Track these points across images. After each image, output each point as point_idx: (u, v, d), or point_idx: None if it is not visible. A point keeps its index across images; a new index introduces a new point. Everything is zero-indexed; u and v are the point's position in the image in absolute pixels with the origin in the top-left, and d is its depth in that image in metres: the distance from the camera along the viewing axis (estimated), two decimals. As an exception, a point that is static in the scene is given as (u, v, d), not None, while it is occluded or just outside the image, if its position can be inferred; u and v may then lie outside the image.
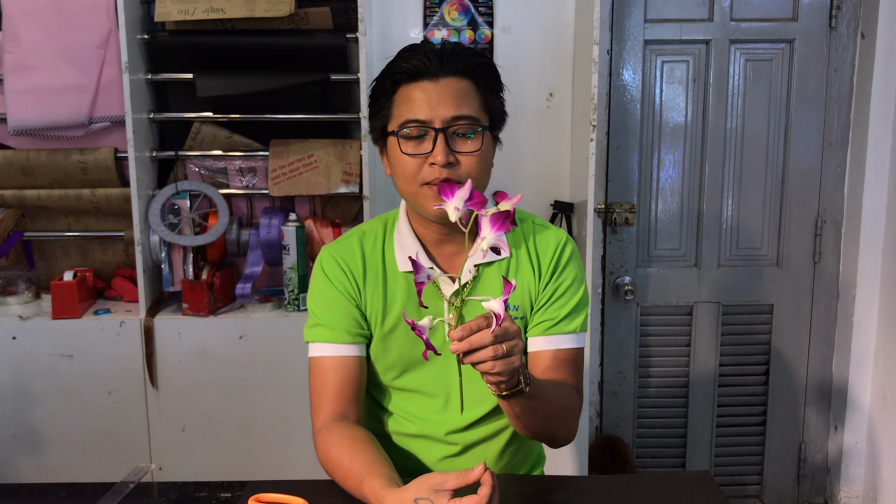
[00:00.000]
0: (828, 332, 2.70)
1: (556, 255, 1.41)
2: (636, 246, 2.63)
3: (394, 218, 1.46)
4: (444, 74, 1.29)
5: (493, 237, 1.10)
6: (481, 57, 1.34)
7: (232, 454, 2.30)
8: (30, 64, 2.27)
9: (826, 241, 2.65)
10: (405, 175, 1.31)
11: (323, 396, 1.38)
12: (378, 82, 1.35)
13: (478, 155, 1.30)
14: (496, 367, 1.11)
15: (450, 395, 1.44)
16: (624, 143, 2.56)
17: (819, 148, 2.60)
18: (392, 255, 1.42)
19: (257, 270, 2.35)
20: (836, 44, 2.54)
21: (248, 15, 2.18)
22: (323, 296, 1.41)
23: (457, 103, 1.28)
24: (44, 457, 2.28)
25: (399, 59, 1.32)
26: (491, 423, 1.46)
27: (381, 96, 1.34)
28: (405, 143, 1.30)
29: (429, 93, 1.28)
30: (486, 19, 2.44)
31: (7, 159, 2.34)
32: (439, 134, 1.27)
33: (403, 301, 1.40)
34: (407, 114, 1.29)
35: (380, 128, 1.36)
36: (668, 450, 2.76)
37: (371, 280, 1.40)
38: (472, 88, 1.31)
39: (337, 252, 1.42)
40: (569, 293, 1.40)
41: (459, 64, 1.30)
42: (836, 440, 2.74)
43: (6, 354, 2.24)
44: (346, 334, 1.39)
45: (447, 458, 1.45)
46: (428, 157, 1.28)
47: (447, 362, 1.40)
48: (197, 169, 2.40)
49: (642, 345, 2.69)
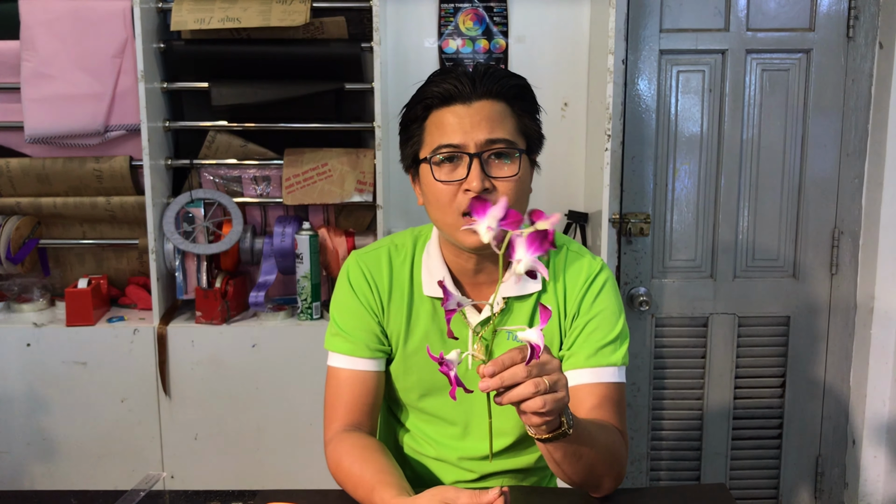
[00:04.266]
0: (845, 344, 2.67)
1: (587, 284, 1.34)
2: (651, 256, 2.61)
3: (425, 236, 1.40)
4: (477, 97, 1.23)
5: (529, 259, 0.96)
6: (516, 78, 1.28)
7: (244, 463, 2.29)
8: (46, 72, 2.29)
9: (843, 252, 2.62)
10: (439, 204, 1.25)
11: (337, 407, 1.37)
12: (408, 108, 1.30)
13: (515, 180, 1.24)
14: (546, 406, 1.00)
15: (469, 425, 1.39)
16: (639, 152, 2.55)
17: (836, 158, 2.57)
18: (419, 276, 1.36)
19: (271, 279, 2.35)
20: (854, 53, 2.52)
21: (263, 24, 2.19)
22: (346, 307, 1.38)
23: (491, 126, 1.22)
24: (56, 464, 2.28)
25: (430, 84, 1.27)
26: (510, 458, 1.41)
27: (412, 123, 1.28)
28: (438, 169, 1.24)
29: (462, 117, 1.22)
30: (501, 29, 2.44)
31: (23, 167, 2.35)
32: (474, 159, 1.21)
33: (427, 325, 1.35)
34: (440, 139, 1.23)
35: (411, 155, 1.30)
36: (682, 462, 2.73)
37: (396, 298, 1.36)
38: (506, 111, 1.25)
39: (366, 263, 1.38)
40: (607, 323, 1.32)
41: (493, 86, 1.24)
42: (854, 454, 2.70)
43: (20, 361, 2.24)
44: (365, 349, 1.36)
45: (462, 483, 1.41)
46: (462, 183, 1.22)
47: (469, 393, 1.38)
48: (211, 177, 2.40)
49: (657, 356, 2.66)
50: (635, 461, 2.72)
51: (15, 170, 2.35)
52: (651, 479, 2.73)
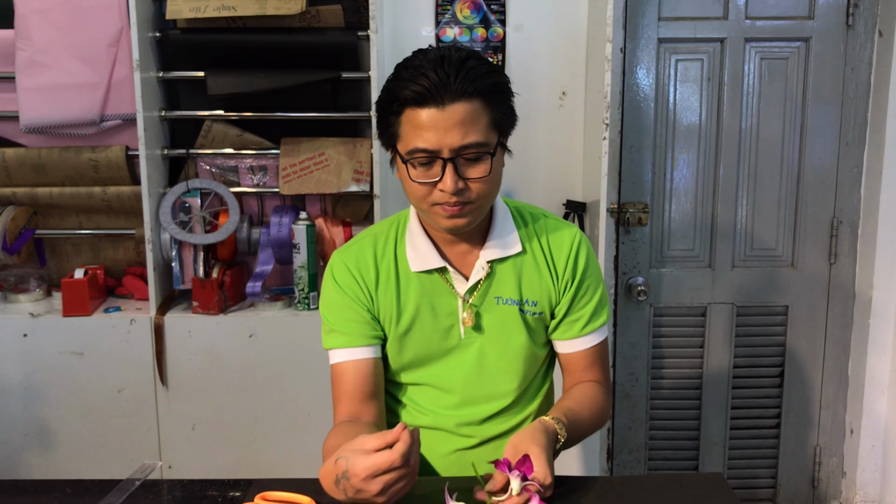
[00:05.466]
0: (843, 334, 2.67)
1: (573, 255, 1.42)
2: (649, 246, 2.60)
3: (405, 219, 1.44)
4: (450, 100, 1.23)
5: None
6: (490, 75, 1.27)
7: (241, 453, 2.29)
8: (42, 62, 2.28)
9: (842, 241, 2.62)
10: (415, 197, 1.30)
11: (339, 402, 1.39)
12: (383, 103, 1.30)
13: (486, 180, 1.28)
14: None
15: (465, 392, 1.43)
16: (637, 142, 2.54)
17: (835, 147, 2.57)
18: (404, 256, 1.41)
19: (268, 269, 2.35)
20: (854, 42, 2.50)
21: (259, 13, 2.17)
22: (334, 303, 1.41)
23: (464, 131, 1.23)
24: (53, 454, 2.28)
25: (402, 81, 1.25)
26: (507, 419, 1.45)
27: (388, 115, 1.29)
28: (414, 171, 1.27)
29: (436, 120, 1.23)
30: (499, 17, 2.42)
31: (19, 157, 2.34)
32: (448, 163, 1.24)
33: (417, 300, 1.39)
34: (415, 140, 1.25)
35: (388, 140, 1.32)
36: (680, 452, 2.73)
37: (383, 283, 1.40)
38: (480, 108, 1.25)
39: (348, 258, 1.42)
40: (590, 291, 1.43)
41: (468, 86, 1.23)
42: (852, 444, 2.70)
43: (17, 351, 2.24)
44: (360, 337, 1.39)
45: (461, 451, 1.45)
46: (437, 183, 1.26)
47: (464, 357, 1.41)
48: (208, 167, 2.39)
49: (655, 346, 2.66)
50: (633, 451, 2.72)
51: (11, 159, 2.34)
52: (649, 469, 2.73)
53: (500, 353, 1.41)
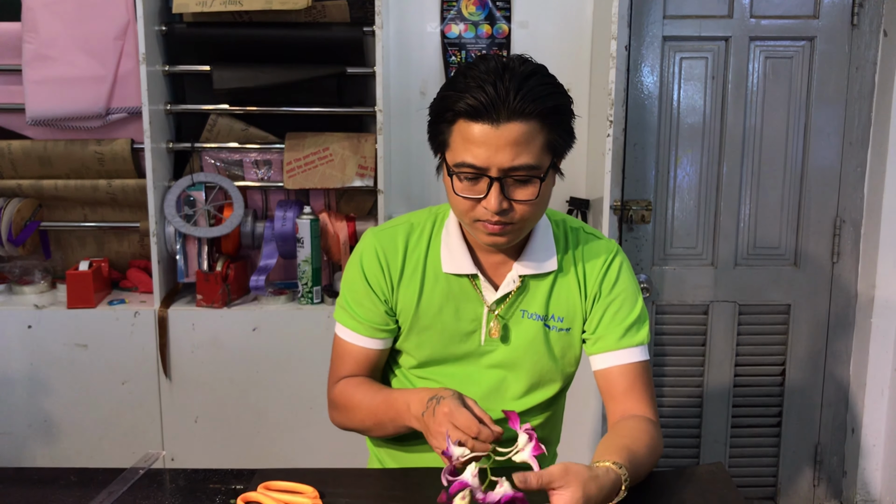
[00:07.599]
0: (845, 332, 2.67)
1: (604, 269, 1.37)
2: (652, 244, 2.61)
3: (443, 214, 1.41)
4: (506, 118, 1.17)
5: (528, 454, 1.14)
6: (553, 97, 1.22)
7: (244, 445, 2.30)
8: (48, 54, 2.28)
9: (845, 241, 2.62)
10: (457, 209, 1.28)
11: (339, 373, 1.44)
12: (436, 110, 1.26)
13: (533, 203, 1.23)
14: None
15: (477, 400, 1.38)
16: (641, 139, 2.55)
17: (839, 147, 2.57)
18: (436, 253, 1.37)
19: (271, 263, 2.35)
20: (858, 41, 2.51)
21: (265, 7, 2.18)
22: (355, 285, 1.40)
23: (516, 152, 1.18)
24: (58, 445, 2.29)
25: (459, 91, 1.20)
26: (535, 395, 1.42)
27: (440, 122, 1.25)
28: (459, 184, 1.24)
29: (488, 137, 1.18)
30: (504, 14, 2.43)
31: (25, 149, 2.35)
32: (494, 182, 1.20)
33: (441, 300, 1.37)
34: (464, 154, 1.20)
35: (438, 146, 1.29)
36: (682, 450, 2.74)
37: (408, 276, 1.37)
38: (536, 129, 1.20)
39: (380, 243, 1.38)
40: (626, 307, 1.36)
41: (526, 106, 1.18)
42: (853, 442, 2.71)
43: (21, 343, 2.25)
44: (369, 329, 1.39)
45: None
46: (482, 200, 1.22)
47: (478, 366, 1.40)
48: (213, 161, 2.40)
49: (657, 343, 2.67)
50: (634, 448, 2.73)
51: (16, 152, 2.35)
52: (650, 466, 2.73)
53: (517, 364, 1.38)
